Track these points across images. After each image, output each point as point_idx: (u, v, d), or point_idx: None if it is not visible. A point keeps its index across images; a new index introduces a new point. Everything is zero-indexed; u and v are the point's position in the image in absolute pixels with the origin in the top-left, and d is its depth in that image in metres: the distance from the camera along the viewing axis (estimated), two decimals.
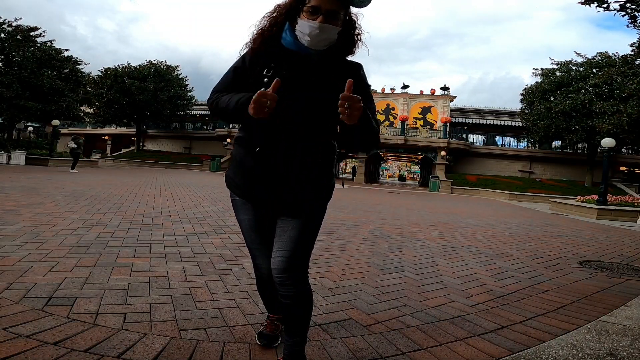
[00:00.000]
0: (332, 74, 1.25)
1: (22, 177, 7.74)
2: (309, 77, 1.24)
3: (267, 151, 1.24)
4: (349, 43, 1.29)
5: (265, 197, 1.29)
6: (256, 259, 1.43)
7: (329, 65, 1.27)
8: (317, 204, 1.33)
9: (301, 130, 1.24)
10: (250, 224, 1.38)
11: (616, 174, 24.07)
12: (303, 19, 1.21)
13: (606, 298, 2.60)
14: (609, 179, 13.94)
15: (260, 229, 1.38)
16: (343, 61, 1.31)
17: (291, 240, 1.28)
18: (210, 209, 5.96)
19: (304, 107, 1.22)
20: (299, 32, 1.23)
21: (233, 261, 2.91)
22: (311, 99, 1.22)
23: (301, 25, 1.21)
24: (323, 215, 1.38)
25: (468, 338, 1.80)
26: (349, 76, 1.15)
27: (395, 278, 2.78)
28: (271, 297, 1.53)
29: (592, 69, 20.44)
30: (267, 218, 1.36)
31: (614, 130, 16.61)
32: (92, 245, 3.01)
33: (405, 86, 27.06)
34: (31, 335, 1.49)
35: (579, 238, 5.84)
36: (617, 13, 5.86)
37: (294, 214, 1.29)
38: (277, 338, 1.60)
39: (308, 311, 1.34)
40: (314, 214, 1.33)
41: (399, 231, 5.22)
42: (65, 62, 20.92)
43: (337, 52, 1.28)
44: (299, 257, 1.29)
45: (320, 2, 1.18)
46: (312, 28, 1.19)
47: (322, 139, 1.28)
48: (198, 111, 33.86)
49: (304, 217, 1.30)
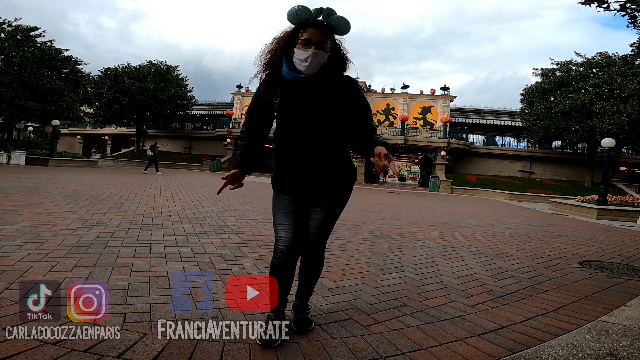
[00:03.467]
0: (327, 88, 1.61)
1: (22, 177, 7.74)
2: (305, 95, 1.61)
3: (294, 158, 1.64)
4: (338, 62, 1.64)
5: (293, 189, 1.69)
6: (278, 232, 1.69)
7: (322, 82, 1.61)
8: (336, 194, 1.72)
9: (314, 138, 1.61)
10: (280, 206, 1.72)
11: (616, 174, 24.05)
12: (298, 49, 1.55)
13: (606, 298, 2.60)
14: (609, 179, 13.95)
15: (287, 211, 1.70)
16: (338, 77, 1.65)
17: (317, 222, 1.72)
18: (210, 209, 5.96)
19: (308, 116, 1.60)
20: (296, 60, 1.57)
21: (233, 261, 2.91)
22: (310, 109, 1.59)
23: (298, 54, 1.56)
24: (346, 202, 1.78)
25: (468, 338, 1.80)
26: (344, 89, 1.62)
27: (395, 278, 2.78)
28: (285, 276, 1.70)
29: (592, 69, 20.40)
30: (295, 204, 1.70)
31: (614, 130, 16.59)
32: (92, 245, 3.01)
33: (405, 86, 27.04)
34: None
35: (579, 238, 5.84)
36: (617, 13, 5.85)
37: (318, 204, 1.71)
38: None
39: (318, 275, 1.85)
40: (334, 203, 1.73)
41: (399, 231, 5.22)
42: (65, 62, 20.92)
43: (329, 71, 1.62)
44: (322, 234, 1.75)
45: (311, 35, 1.54)
46: (307, 55, 1.53)
47: (332, 142, 1.64)
48: (198, 111, 33.85)
49: (325, 207, 1.71)
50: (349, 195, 1.77)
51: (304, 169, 1.64)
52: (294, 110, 1.60)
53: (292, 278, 1.72)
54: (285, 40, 1.59)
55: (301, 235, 1.68)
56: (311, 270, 1.80)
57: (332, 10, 1.55)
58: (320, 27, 1.55)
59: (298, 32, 1.57)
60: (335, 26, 1.56)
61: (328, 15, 1.54)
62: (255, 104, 1.72)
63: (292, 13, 1.54)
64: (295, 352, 1.56)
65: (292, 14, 1.54)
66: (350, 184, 1.76)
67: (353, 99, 1.63)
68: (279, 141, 1.69)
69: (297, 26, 1.57)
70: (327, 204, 1.72)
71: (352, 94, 1.64)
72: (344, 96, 1.62)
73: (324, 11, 1.54)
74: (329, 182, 1.68)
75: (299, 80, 1.60)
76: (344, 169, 1.71)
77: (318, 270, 1.82)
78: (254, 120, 1.74)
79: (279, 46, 1.60)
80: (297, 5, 1.55)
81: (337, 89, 1.61)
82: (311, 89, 1.60)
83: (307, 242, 1.71)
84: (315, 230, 1.72)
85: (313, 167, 1.63)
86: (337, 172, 1.68)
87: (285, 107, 1.62)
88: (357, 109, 1.65)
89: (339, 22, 1.55)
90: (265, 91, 1.65)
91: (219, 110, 32.81)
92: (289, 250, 1.64)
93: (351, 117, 1.65)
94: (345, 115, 1.65)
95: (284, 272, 1.68)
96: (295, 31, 1.58)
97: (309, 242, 1.72)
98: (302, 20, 1.55)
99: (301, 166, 1.64)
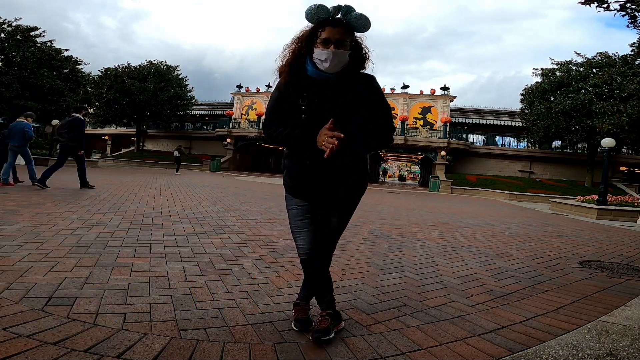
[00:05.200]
0: (350, 87, 1.57)
1: (21, 177, 7.73)
2: (331, 95, 1.56)
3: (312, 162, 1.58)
4: (359, 61, 1.61)
5: (310, 195, 1.67)
6: (297, 240, 1.70)
7: (345, 82, 1.57)
8: (350, 202, 1.72)
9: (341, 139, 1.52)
10: (296, 212, 1.72)
11: (616, 174, 24.06)
12: (318, 48, 1.53)
13: (606, 298, 2.60)
14: (609, 179, 13.95)
15: (303, 218, 1.70)
16: (358, 75, 1.62)
17: (332, 225, 1.71)
18: (210, 209, 5.96)
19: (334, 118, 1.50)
20: (316, 60, 1.54)
21: (233, 261, 2.91)
22: (336, 109, 1.54)
23: (318, 54, 1.53)
24: (354, 209, 1.77)
25: (468, 338, 1.80)
26: (364, 87, 1.58)
27: (395, 278, 2.78)
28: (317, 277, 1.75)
29: (592, 69, 20.41)
30: (309, 211, 1.70)
31: (614, 130, 16.59)
32: (92, 245, 3.01)
33: (405, 86, 27.04)
34: (31, 335, 1.49)
35: (579, 238, 5.84)
36: (617, 13, 5.85)
37: (334, 208, 1.69)
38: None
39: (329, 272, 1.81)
40: (346, 210, 1.73)
41: (399, 231, 5.22)
42: (65, 62, 20.93)
43: (351, 70, 1.59)
44: (334, 237, 1.74)
45: (330, 34, 1.51)
46: (327, 55, 1.51)
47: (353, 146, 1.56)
48: (198, 111, 33.85)
49: (340, 212, 1.71)
50: (360, 199, 1.78)
51: (325, 174, 1.60)
52: (323, 110, 1.53)
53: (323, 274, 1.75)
54: (306, 40, 1.56)
55: (319, 241, 1.68)
56: (328, 272, 1.80)
57: (350, 7, 1.52)
58: (338, 26, 1.52)
59: (317, 31, 1.54)
60: (355, 24, 1.53)
61: (347, 13, 1.52)
62: (276, 103, 1.64)
63: (310, 12, 1.52)
64: (295, 352, 1.56)
65: (310, 13, 1.52)
66: (365, 189, 1.76)
67: (371, 96, 1.59)
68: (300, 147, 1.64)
69: (316, 25, 1.55)
70: (342, 209, 1.72)
71: (370, 90, 1.60)
72: (360, 92, 1.59)
73: (342, 9, 1.52)
74: (347, 188, 1.66)
75: (326, 79, 1.56)
76: (364, 174, 1.70)
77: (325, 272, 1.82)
78: (277, 118, 1.63)
79: (301, 45, 1.57)
80: (315, 4, 1.52)
81: (354, 86, 1.58)
82: (338, 88, 1.57)
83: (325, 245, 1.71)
84: (330, 233, 1.72)
85: (334, 172, 1.59)
86: (356, 177, 1.66)
87: (314, 108, 1.56)
88: (376, 106, 1.61)
89: (359, 19, 1.52)
90: (290, 91, 1.60)
91: (219, 110, 32.83)
92: (310, 256, 1.67)
93: (370, 114, 1.60)
94: (362, 113, 1.60)
95: (315, 275, 1.73)
96: (314, 30, 1.55)
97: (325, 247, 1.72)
98: (321, 18, 1.53)
99: (322, 171, 1.59)
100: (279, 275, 2.64)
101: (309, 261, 1.68)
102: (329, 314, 1.72)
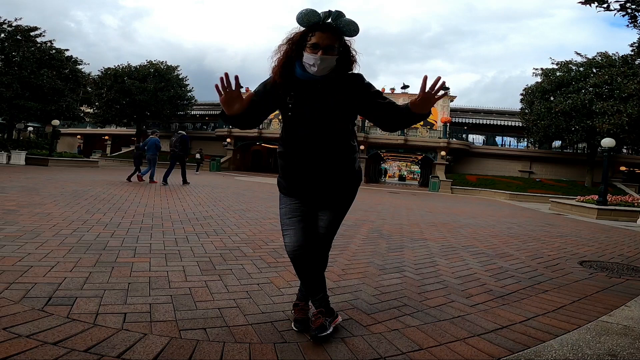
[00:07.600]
0: (338, 88, 1.62)
1: (22, 177, 7.74)
2: (318, 96, 1.61)
3: (301, 160, 1.65)
4: (346, 65, 1.64)
5: (301, 193, 1.72)
6: (285, 238, 1.72)
7: (333, 83, 1.61)
8: (342, 200, 1.77)
9: (323, 137, 1.62)
10: (286, 210, 1.74)
11: (616, 174, 24.05)
12: (307, 52, 1.55)
13: (606, 298, 2.60)
14: (609, 179, 13.96)
15: (292, 216, 1.72)
16: (346, 76, 1.65)
17: (325, 223, 1.77)
18: (210, 209, 5.96)
19: (321, 118, 1.60)
20: (305, 64, 1.57)
21: (233, 261, 2.91)
22: (324, 110, 1.60)
23: (306, 58, 1.56)
24: (349, 206, 1.81)
25: (468, 338, 1.80)
26: (353, 86, 1.63)
27: (395, 278, 2.78)
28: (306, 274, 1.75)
29: (592, 69, 20.42)
30: (300, 209, 1.72)
31: (614, 130, 16.60)
32: (92, 245, 3.01)
33: (405, 86, 27.03)
34: (31, 335, 1.49)
35: (579, 238, 5.84)
36: (617, 13, 5.85)
37: (326, 207, 1.75)
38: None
39: (324, 272, 1.82)
40: (338, 208, 1.77)
41: (398, 231, 5.22)
42: (65, 62, 20.93)
43: (338, 73, 1.62)
44: (329, 236, 1.79)
45: (319, 39, 1.54)
46: (315, 60, 1.53)
47: (341, 142, 1.65)
48: (198, 111, 33.83)
49: (333, 210, 1.76)
50: (354, 197, 1.81)
51: (314, 171, 1.65)
52: (311, 110, 1.60)
53: (315, 273, 1.74)
54: (296, 43, 1.59)
55: (307, 239, 1.69)
56: (322, 269, 1.82)
57: (340, 12, 1.55)
58: (328, 31, 1.55)
59: (307, 35, 1.56)
60: (344, 29, 1.56)
61: (337, 18, 1.54)
62: (261, 91, 1.64)
63: (301, 16, 1.54)
64: (295, 352, 1.56)
65: (301, 17, 1.54)
66: (357, 187, 1.79)
67: (362, 89, 1.63)
68: (289, 142, 1.68)
69: (307, 29, 1.57)
70: (335, 207, 1.75)
71: (360, 86, 1.64)
72: (350, 91, 1.63)
73: (333, 14, 1.54)
74: (338, 186, 1.71)
75: (314, 80, 1.60)
76: (353, 172, 1.73)
77: (325, 267, 1.84)
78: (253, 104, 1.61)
79: (292, 47, 1.60)
80: (306, 9, 1.54)
81: (344, 86, 1.62)
82: (325, 89, 1.61)
83: (314, 242, 1.72)
84: (323, 231, 1.76)
85: (323, 170, 1.65)
86: (346, 175, 1.71)
87: (300, 107, 1.61)
88: (374, 95, 1.63)
89: (348, 24, 1.55)
90: (275, 87, 1.62)
91: (219, 110, 32.75)
92: (296, 254, 1.68)
93: (370, 104, 1.63)
94: (355, 112, 1.66)
95: (304, 273, 1.74)
96: (304, 34, 1.57)
97: (315, 243, 1.74)
98: (311, 23, 1.55)
99: (311, 168, 1.65)
100: (279, 275, 2.64)
101: (296, 259, 1.69)
102: (320, 311, 1.74)
